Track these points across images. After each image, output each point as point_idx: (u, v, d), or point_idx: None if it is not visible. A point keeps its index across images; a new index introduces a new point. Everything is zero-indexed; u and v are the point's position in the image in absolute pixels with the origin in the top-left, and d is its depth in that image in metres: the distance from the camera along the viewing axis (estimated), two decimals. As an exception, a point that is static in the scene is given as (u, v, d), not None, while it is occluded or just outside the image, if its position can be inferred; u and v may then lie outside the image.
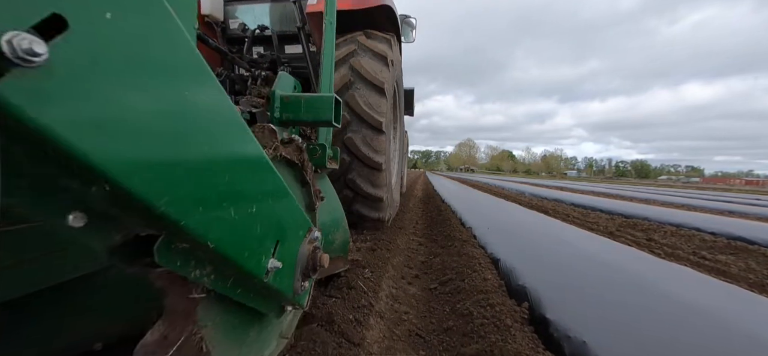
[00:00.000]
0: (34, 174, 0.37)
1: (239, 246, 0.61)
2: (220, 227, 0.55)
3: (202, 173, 0.50)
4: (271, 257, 0.71)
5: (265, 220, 0.68)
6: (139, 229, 0.47)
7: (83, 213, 0.41)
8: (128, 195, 0.40)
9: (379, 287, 2.01)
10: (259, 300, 0.78)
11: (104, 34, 0.36)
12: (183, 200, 0.47)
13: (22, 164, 0.35)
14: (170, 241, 0.49)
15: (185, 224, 0.48)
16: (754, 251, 3.49)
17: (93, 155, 0.35)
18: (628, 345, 1.16)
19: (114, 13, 0.36)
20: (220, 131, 0.54)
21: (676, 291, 1.63)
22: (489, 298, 1.75)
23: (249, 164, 0.63)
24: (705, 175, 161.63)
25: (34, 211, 0.40)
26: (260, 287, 0.72)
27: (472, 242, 2.95)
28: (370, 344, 1.42)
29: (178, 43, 0.46)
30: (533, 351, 1.25)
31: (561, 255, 2.33)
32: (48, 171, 0.37)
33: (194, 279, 0.56)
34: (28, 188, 0.38)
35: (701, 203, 9.35)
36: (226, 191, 0.56)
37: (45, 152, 0.34)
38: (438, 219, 4.76)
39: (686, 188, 38.82)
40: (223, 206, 0.55)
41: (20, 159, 0.35)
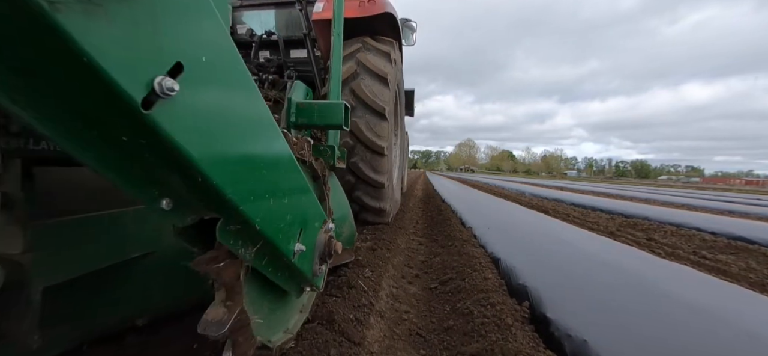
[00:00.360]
0: (153, 170, 0.54)
1: (276, 229, 0.77)
2: (263, 212, 0.70)
3: (253, 170, 0.67)
4: (297, 242, 0.87)
5: (293, 210, 0.84)
6: (205, 213, 0.64)
7: (171, 199, 0.59)
8: (210, 185, 0.56)
9: (379, 286, 2.01)
10: (285, 278, 0.94)
11: (203, 73, 0.52)
12: (241, 191, 0.63)
13: (149, 163, 0.53)
14: (227, 222, 0.66)
15: (242, 209, 0.63)
16: (755, 251, 3.49)
17: (197, 157, 0.51)
18: (629, 344, 1.16)
19: (207, 57, 0.52)
20: (265, 138, 0.72)
21: (676, 291, 1.63)
22: (489, 297, 1.75)
23: (283, 165, 0.81)
24: (705, 175, 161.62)
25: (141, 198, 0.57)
26: (287, 266, 0.89)
27: (472, 241, 2.95)
28: (371, 343, 1.42)
29: (245, 77, 0.63)
30: (534, 350, 1.25)
31: (561, 255, 2.33)
32: (162, 168, 0.54)
33: (241, 256, 0.71)
34: (144, 182, 0.55)
35: (701, 203, 9.36)
36: (268, 185, 0.72)
37: (168, 155, 0.49)
38: (438, 219, 4.76)
39: (686, 188, 38.83)
40: (266, 196, 0.72)
41: (150, 161, 0.52)
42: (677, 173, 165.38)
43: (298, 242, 0.88)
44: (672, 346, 1.15)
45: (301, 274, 0.96)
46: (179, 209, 0.61)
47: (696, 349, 1.13)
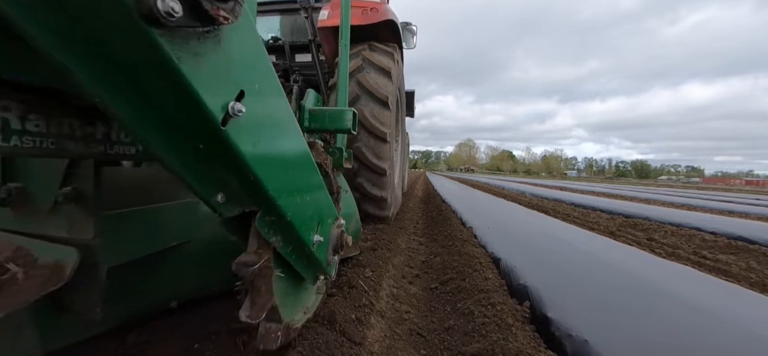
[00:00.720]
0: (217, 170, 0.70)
1: (301, 221, 0.91)
2: (293, 206, 0.85)
3: (287, 171, 0.83)
4: (316, 233, 1.01)
5: (313, 205, 0.99)
6: (248, 206, 0.78)
7: (225, 194, 0.74)
8: (258, 184, 0.71)
9: (380, 286, 2.01)
10: (304, 266, 1.07)
11: (256, 97, 0.66)
12: (279, 188, 0.78)
13: (215, 165, 0.68)
14: (265, 214, 0.81)
15: (278, 203, 0.79)
16: (755, 251, 3.49)
17: (251, 161, 0.66)
18: (630, 344, 1.16)
19: (258, 85, 0.67)
20: (294, 144, 0.88)
21: (677, 290, 1.63)
22: (490, 297, 1.75)
23: (306, 167, 0.96)
24: (705, 175, 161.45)
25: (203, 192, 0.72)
26: (307, 254, 1.02)
27: (472, 241, 2.95)
28: (371, 343, 1.42)
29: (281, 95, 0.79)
30: (535, 350, 1.25)
31: (562, 255, 2.33)
32: (224, 169, 0.70)
33: (272, 243, 0.86)
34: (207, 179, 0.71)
35: (701, 203, 9.35)
36: (297, 183, 0.88)
37: (232, 159, 0.65)
38: (438, 219, 4.76)
39: (686, 188, 38.81)
40: (295, 193, 0.87)
41: (217, 163, 0.68)
42: (677, 173, 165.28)
43: (317, 233, 1.02)
44: (673, 346, 1.15)
45: (318, 262, 1.09)
46: (230, 202, 0.76)
47: (697, 349, 1.13)
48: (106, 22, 0.45)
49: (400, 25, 3.91)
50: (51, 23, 0.44)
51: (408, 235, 3.71)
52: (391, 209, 3.66)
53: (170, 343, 1.35)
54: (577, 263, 2.13)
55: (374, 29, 3.30)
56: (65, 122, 0.75)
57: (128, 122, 0.57)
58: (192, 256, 1.27)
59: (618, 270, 1.97)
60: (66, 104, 0.74)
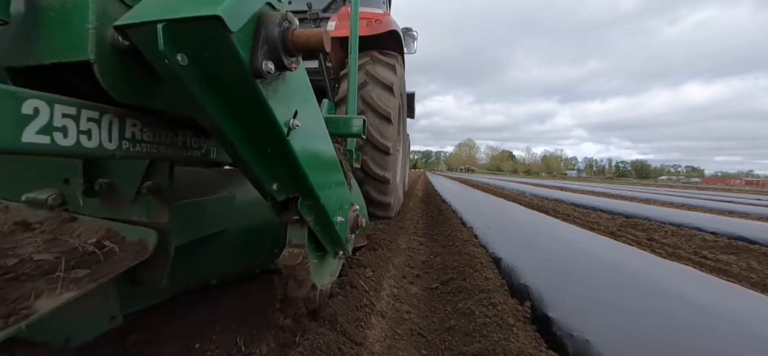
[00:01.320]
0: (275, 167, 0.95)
1: (329, 205, 1.17)
2: (324, 193, 1.11)
3: (322, 165, 1.10)
4: (338, 215, 1.28)
5: (337, 194, 1.27)
6: (293, 193, 1.05)
7: (279, 184, 0.99)
8: (304, 177, 0.97)
9: (380, 286, 2.01)
10: (329, 241, 1.33)
11: (305, 114, 0.88)
12: (317, 179, 1.03)
13: (275, 164, 0.93)
14: (305, 199, 1.07)
15: (315, 190, 1.03)
16: (755, 251, 3.49)
17: (302, 160, 0.91)
18: (632, 344, 1.15)
19: (306, 106, 0.91)
20: (327, 147, 1.16)
21: (678, 290, 1.62)
22: (491, 297, 1.75)
23: (333, 164, 1.23)
24: (705, 175, 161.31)
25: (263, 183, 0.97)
26: (332, 232, 1.28)
27: (473, 241, 2.95)
28: (372, 343, 1.42)
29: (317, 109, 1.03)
30: (536, 350, 1.24)
31: (563, 255, 2.33)
32: (281, 166, 0.95)
33: (308, 221, 1.12)
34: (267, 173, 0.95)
35: (702, 203, 9.35)
36: (327, 176, 1.16)
37: (289, 159, 0.90)
38: (439, 219, 4.76)
39: (686, 188, 38.80)
40: (326, 183, 1.13)
41: (277, 162, 0.93)
42: (677, 173, 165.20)
43: (339, 215, 1.29)
44: (674, 345, 1.14)
45: (339, 239, 1.35)
46: (281, 190, 1.02)
47: (698, 348, 1.13)
48: (231, 78, 0.69)
49: (402, 32, 4.09)
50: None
51: (408, 235, 3.71)
52: (394, 210, 4.05)
53: (171, 342, 1.35)
54: (578, 263, 2.13)
55: (378, 39, 3.51)
56: (160, 132, 0.97)
57: (226, 135, 0.80)
58: (228, 242, 1.49)
59: (619, 270, 1.97)
60: (160, 118, 0.96)
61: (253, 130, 0.83)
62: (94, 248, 0.93)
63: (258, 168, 0.93)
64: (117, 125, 0.81)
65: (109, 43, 0.74)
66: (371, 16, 3.49)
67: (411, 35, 5.01)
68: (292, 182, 1.02)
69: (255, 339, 1.36)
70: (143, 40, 0.65)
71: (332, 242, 1.36)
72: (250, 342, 1.34)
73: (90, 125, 0.74)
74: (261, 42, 0.67)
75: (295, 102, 0.85)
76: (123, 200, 1.08)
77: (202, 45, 0.63)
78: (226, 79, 0.70)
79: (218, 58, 0.66)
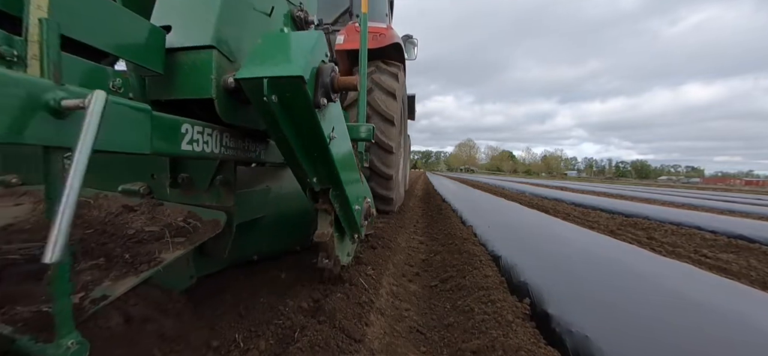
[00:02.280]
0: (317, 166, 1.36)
1: (351, 195, 1.53)
2: (348, 186, 1.47)
3: (347, 165, 1.45)
4: (356, 204, 1.64)
5: (356, 187, 1.62)
6: (325, 184, 1.42)
7: (318, 178, 1.39)
8: (337, 173, 1.36)
9: (380, 284, 2.01)
10: (349, 225, 1.70)
11: (338, 129, 1.32)
12: (344, 175, 1.41)
13: (318, 163, 1.35)
14: (334, 190, 1.44)
15: (343, 185, 1.42)
16: (755, 250, 3.49)
17: (337, 161, 1.33)
18: (631, 339, 1.15)
19: (339, 122, 1.35)
20: (349, 151, 1.50)
21: (677, 286, 1.62)
22: (490, 294, 1.75)
23: (353, 164, 1.56)
24: (705, 175, 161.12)
25: (306, 177, 1.38)
26: (351, 218, 1.65)
27: (472, 240, 2.95)
28: (371, 340, 1.41)
29: (343, 121, 1.43)
30: (535, 346, 1.24)
31: (562, 252, 2.33)
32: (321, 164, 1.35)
33: (334, 208, 1.48)
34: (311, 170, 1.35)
35: (701, 203, 9.35)
36: (350, 173, 1.49)
37: (328, 160, 1.31)
38: (438, 218, 4.76)
39: (686, 188, 38.78)
40: (349, 179, 1.48)
41: (319, 162, 1.34)
42: (677, 173, 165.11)
43: (356, 204, 1.65)
44: (673, 340, 1.14)
45: (356, 224, 1.72)
46: (318, 182, 1.40)
47: (697, 343, 1.13)
48: (301, 109, 1.07)
49: (403, 39, 4.61)
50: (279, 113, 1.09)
51: (408, 234, 3.71)
52: (396, 204, 4.56)
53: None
54: (577, 260, 2.13)
55: (383, 51, 3.93)
56: (236, 140, 1.31)
57: (289, 143, 1.18)
58: (265, 226, 1.78)
59: (618, 267, 1.97)
60: (239, 131, 1.32)
61: (308, 140, 1.23)
62: (183, 224, 1.24)
63: (306, 166, 1.32)
64: (218, 137, 1.19)
65: (223, 86, 1.13)
66: (376, 31, 3.89)
67: (411, 42, 5.40)
68: (326, 177, 1.40)
69: (253, 335, 1.36)
70: (252, 88, 1.03)
71: (350, 226, 1.74)
72: (249, 339, 1.34)
73: (207, 137, 1.13)
74: (319, 85, 1.07)
75: (334, 121, 1.26)
76: (199, 190, 1.40)
77: (287, 90, 1.02)
78: (298, 110, 1.09)
79: (295, 98, 1.04)
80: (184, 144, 1.03)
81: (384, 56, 4.02)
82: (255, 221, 1.66)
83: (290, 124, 1.14)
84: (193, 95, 1.13)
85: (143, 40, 1.03)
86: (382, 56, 4.00)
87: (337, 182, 1.41)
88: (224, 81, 1.13)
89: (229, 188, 1.38)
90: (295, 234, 2.08)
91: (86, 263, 1.00)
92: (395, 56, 4.18)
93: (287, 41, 1.10)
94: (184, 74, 1.13)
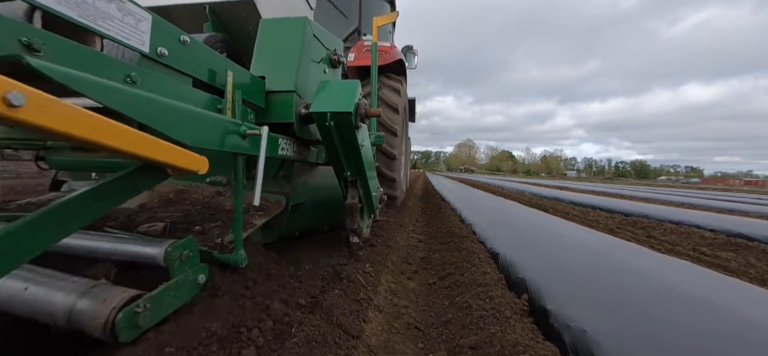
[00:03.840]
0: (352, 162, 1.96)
1: (371, 185, 2.22)
2: (371, 179, 2.19)
3: (370, 165, 2.16)
4: (374, 192, 2.29)
5: (375, 180, 2.38)
6: (356, 178, 2.06)
7: (350, 172, 2.01)
8: (363, 169, 1.98)
9: (378, 281, 2.00)
10: (368, 206, 2.33)
11: (365, 142, 1.99)
12: (368, 171, 2.07)
13: (352, 162, 1.95)
14: (360, 181, 2.08)
15: (367, 178, 2.08)
16: (754, 248, 3.48)
17: (364, 161, 1.95)
18: (629, 333, 1.15)
19: (366, 136, 2.03)
20: (371, 154, 2.25)
21: (675, 282, 1.62)
22: (488, 291, 1.74)
23: (372, 163, 2.29)
24: (704, 175, 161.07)
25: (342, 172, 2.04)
26: (370, 201, 2.27)
27: (471, 238, 2.94)
28: (369, 336, 1.41)
29: (367, 136, 2.12)
30: (532, 341, 1.24)
31: (561, 250, 2.32)
32: (354, 161, 1.95)
33: (359, 192, 2.13)
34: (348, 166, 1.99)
35: (701, 202, 9.35)
36: (371, 170, 2.22)
37: (358, 160, 1.92)
38: (437, 217, 4.76)
39: (686, 188, 38.79)
40: (371, 173, 2.20)
41: (353, 161, 1.94)
42: (677, 173, 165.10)
43: (374, 192, 2.27)
44: (670, 334, 1.14)
45: (373, 206, 2.38)
46: (351, 175, 2.01)
47: (694, 336, 1.12)
48: (347, 129, 1.70)
49: (404, 51, 5.30)
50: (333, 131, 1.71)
51: (407, 233, 3.70)
52: (400, 199, 5.19)
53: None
54: (575, 257, 2.12)
55: (387, 67, 4.47)
56: (299, 147, 1.84)
57: (337, 150, 1.81)
58: (304, 209, 2.20)
59: (616, 264, 1.96)
60: (300, 140, 1.84)
61: (348, 148, 1.84)
62: (261, 203, 1.71)
63: (345, 164, 1.95)
64: (292, 145, 1.76)
65: (299, 114, 1.73)
66: (382, 50, 4.36)
67: (412, 52, 5.92)
68: (356, 172, 2.01)
69: (251, 329, 1.35)
70: (320, 117, 1.62)
71: (369, 207, 2.39)
72: (247, 332, 1.33)
73: (287, 146, 1.70)
74: (358, 114, 1.67)
75: (363, 136, 1.88)
76: (266, 180, 1.65)
77: (341, 119, 1.62)
78: (345, 130, 1.70)
79: (344, 123, 1.64)
80: (279, 150, 1.63)
81: (388, 71, 4.55)
82: (299, 205, 2.10)
83: (339, 138, 1.77)
84: (281, 120, 1.70)
85: (257, 89, 1.64)
86: (386, 71, 4.53)
87: (363, 176, 2.03)
88: (298, 110, 1.73)
89: (287, 180, 1.98)
90: (325, 217, 2.67)
91: (213, 224, 1.61)
92: (398, 71, 4.71)
93: (339, 87, 1.72)
94: (276, 107, 1.71)
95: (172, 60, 1.15)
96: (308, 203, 2.21)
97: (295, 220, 2.12)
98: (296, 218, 2.12)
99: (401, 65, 4.76)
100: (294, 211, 2.01)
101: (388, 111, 4.21)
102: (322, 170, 2.36)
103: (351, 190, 2.11)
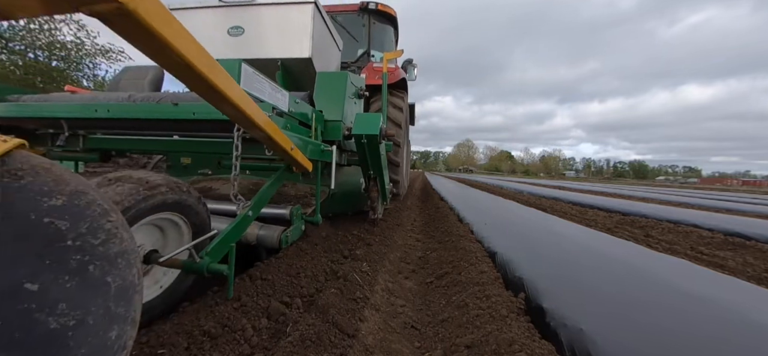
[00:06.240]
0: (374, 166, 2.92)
1: (386, 180, 3.28)
2: (385, 176, 3.21)
3: (385, 166, 3.17)
4: (387, 185, 3.48)
5: (387, 178, 3.43)
6: (376, 174, 3.03)
7: (373, 171, 3.00)
8: (381, 169, 2.94)
9: (375, 280, 2.00)
10: (382, 194, 3.40)
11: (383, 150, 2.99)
12: (384, 172, 3.09)
13: (374, 164, 2.87)
14: (380, 177, 3.08)
15: (383, 175, 3.07)
16: (752, 247, 3.48)
17: (383, 163, 3.00)
18: (625, 331, 1.14)
19: (384, 146, 3.03)
20: (386, 159, 3.32)
21: (672, 280, 1.61)
22: (485, 290, 1.73)
23: (386, 165, 3.24)
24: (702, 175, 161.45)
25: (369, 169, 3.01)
26: (384, 191, 3.38)
27: (469, 237, 2.93)
28: (365, 335, 1.40)
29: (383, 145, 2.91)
30: (529, 340, 1.23)
31: (558, 249, 2.32)
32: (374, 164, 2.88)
33: (377, 184, 3.21)
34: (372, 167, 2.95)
35: (699, 202, 9.37)
36: (385, 171, 3.19)
37: (379, 164, 2.86)
38: (436, 216, 4.75)
39: (684, 188, 38.89)
40: (385, 173, 3.18)
41: (374, 163, 2.86)
42: (675, 173, 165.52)
43: (388, 185, 3.51)
44: (668, 332, 1.13)
45: (386, 195, 3.55)
46: (373, 173, 3.02)
47: (691, 334, 1.12)
48: (374, 144, 2.52)
49: (404, 65, 6.10)
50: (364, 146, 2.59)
51: (405, 232, 3.70)
52: (402, 195, 6.00)
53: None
54: (573, 256, 2.12)
55: (392, 86, 5.11)
56: (339, 153, 2.67)
57: (367, 157, 2.69)
58: (334, 198, 2.75)
59: (614, 263, 1.96)
60: (341, 150, 2.81)
61: (373, 157, 2.67)
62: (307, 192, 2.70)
63: (371, 166, 2.83)
64: (339, 153, 2.57)
65: (344, 134, 2.57)
66: (388, 71, 4.90)
67: (412, 65, 6.42)
68: (377, 172, 2.91)
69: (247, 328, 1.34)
70: (358, 136, 2.46)
71: (383, 196, 3.40)
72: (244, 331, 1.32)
73: (338, 153, 2.51)
74: (382, 133, 2.52)
75: (383, 148, 2.80)
76: (314, 178, 2.33)
77: (371, 137, 2.44)
78: (372, 144, 2.50)
79: (373, 140, 2.46)
80: (338, 158, 2.43)
81: (392, 87, 5.21)
82: (333, 194, 2.60)
83: (369, 150, 2.56)
84: (333, 138, 2.48)
85: (322, 120, 2.44)
86: (391, 89, 5.20)
87: (381, 175, 2.97)
88: (343, 132, 2.55)
89: (330, 175, 2.45)
90: (350, 204, 3.44)
91: (293, 204, 2.22)
92: (401, 87, 5.46)
93: (370, 117, 2.46)
94: (330, 130, 2.51)
95: (293, 111, 2.02)
96: (338, 194, 2.88)
97: (330, 205, 3.02)
98: (330, 204, 2.92)
99: (403, 82, 5.55)
100: (329, 199, 2.69)
101: (392, 125, 4.86)
102: (346, 169, 3.20)
103: (372, 183, 3.11)
